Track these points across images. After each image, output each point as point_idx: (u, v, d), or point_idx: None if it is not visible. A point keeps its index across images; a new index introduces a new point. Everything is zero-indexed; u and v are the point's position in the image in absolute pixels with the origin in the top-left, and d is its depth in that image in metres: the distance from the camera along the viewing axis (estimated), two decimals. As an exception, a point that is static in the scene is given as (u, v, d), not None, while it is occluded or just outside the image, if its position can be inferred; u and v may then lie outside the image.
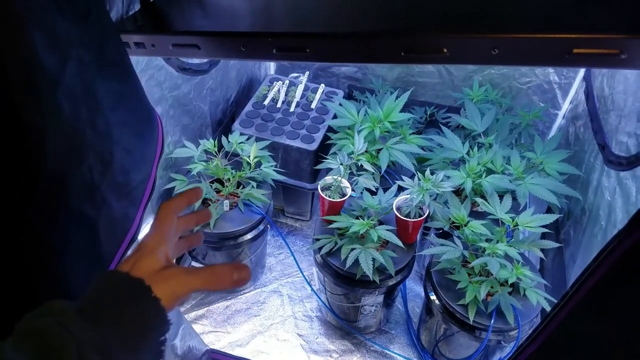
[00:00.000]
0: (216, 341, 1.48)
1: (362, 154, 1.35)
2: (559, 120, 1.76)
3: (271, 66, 2.03)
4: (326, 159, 1.34)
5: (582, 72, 1.61)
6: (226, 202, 1.39)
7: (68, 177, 0.52)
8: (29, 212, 0.48)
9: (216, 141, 1.40)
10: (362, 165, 1.34)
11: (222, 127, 1.76)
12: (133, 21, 0.99)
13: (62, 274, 0.54)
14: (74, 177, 0.52)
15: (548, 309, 1.11)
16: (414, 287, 1.63)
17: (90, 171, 0.55)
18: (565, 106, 1.72)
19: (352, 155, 1.33)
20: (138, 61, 1.16)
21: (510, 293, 1.17)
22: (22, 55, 0.45)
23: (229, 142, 1.42)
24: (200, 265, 1.48)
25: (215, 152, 1.39)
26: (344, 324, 1.48)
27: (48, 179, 0.49)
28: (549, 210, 1.35)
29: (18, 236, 0.48)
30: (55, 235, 0.52)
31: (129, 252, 0.61)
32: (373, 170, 1.37)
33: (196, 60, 1.44)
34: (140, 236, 0.74)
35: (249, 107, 1.70)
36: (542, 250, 1.18)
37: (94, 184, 0.56)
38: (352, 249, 1.22)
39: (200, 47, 0.85)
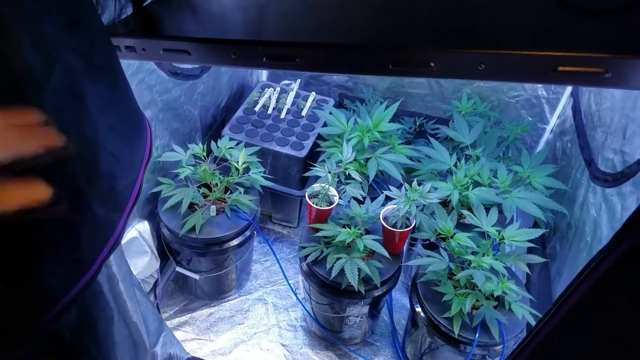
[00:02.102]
0: (198, 349, 1.47)
1: (351, 162, 1.35)
2: (546, 135, 1.78)
3: (263, 73, 2.03)
4: (315, 166, 1.34)
5: (569, 88, 1.63)
6: (213, 207, 1.38)
7: (51, 181, 0.51)
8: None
9: (205, 146, 1.39)
10: (350, 174, 1.35)
11: (212, 132, 1.76)
12: (125, 25, 0.99)
13: (40, 279, 0.54)
14: (58, 182, 0.52)
15: (533, 323, 1.12)
16: (400, 298, 1.63)
17: (74, 176, 0.55)
18: (553, 121, 1.74)
19: (340, 164, 1.33)
20: (129, 64, 1.16)
21: (495, 307, 1.17)
22: (8, 58, 0.44)
23: (218, 147, 1.42)
24: (186, 272, 1.48)
25: (203, 156, 1.39)
26: (328, 335, 1.48)
27: None
28: (535, 224, 1.36)
29: None
30: (35, 240, 0.51)
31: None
32: (361, 180, 1.38)
33: (188, 65, 1.44)
34: (124, 241, 0.73)
35: (239, 112, 1.70)
36: (528, 264, 1.19)
37: (79, 189, 0.56)
38: (338, 259, 1.22)
39: (191, 52, 0.85)
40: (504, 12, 0.77)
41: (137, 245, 1.35)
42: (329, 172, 1.31)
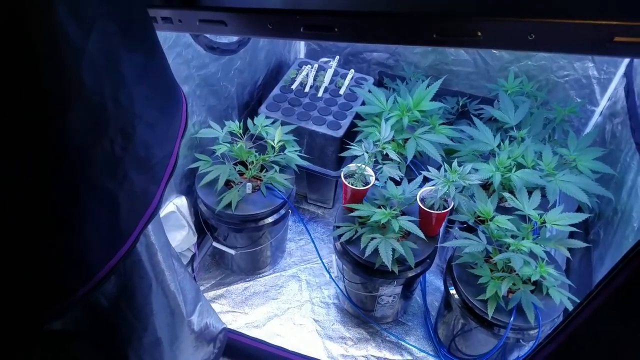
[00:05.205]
0: (233, 321, 1.49)
1: (389, 142, 1.33)
2: (595, 117, 1.70)
3: (301, 50, 2.01)
4: (352, 146, 1.32)
5: (623, 67, 1.55)
6: (249, 184, 1.39)
7: (90, 149, 0.52)
8: (50, 186, 0.48)
9: (242, 123, 1.39)
10: (387, 154, 1.32)
11: (249, 109, 1.75)
12: (161, -4, 0.98)
13: (82, 250, 0.54)
14: (95, 150, 0.52)
15: (571, 308, 1.08)
16: (434, 280, 1.60)
17: (112, 145, 0.55)
18: (603, 103, 1.66)
19: (377, 143, 1.31)
20: (166, 38, 1.16)
21: (532, 291, 1.14)
22: (45, 23, 0.44)
23: (254, 124, 1.41)
24: (222, 247, 1.49)
25: (240, 134, 1.38)
26: (360, 313, 1.47)
27: (70, 151, 0.49)
28: (579, 209, 1.31)
29: (38, 211, 0.48)
30: (76, 210, 0.52)
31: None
32: (399, 160, 1.35)
33: (224, 40, 1.43)
34: (162, 214, 0.73)
35: (276, 90, 1.69)
36: (570, 249, 1.14)
37: (116, 158, 0.56)
38: (372, 239, 1.21)
39: (227, 23, 0.84)
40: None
41: (174, 220, 1.37)
42: (366, 152, 1.29)
